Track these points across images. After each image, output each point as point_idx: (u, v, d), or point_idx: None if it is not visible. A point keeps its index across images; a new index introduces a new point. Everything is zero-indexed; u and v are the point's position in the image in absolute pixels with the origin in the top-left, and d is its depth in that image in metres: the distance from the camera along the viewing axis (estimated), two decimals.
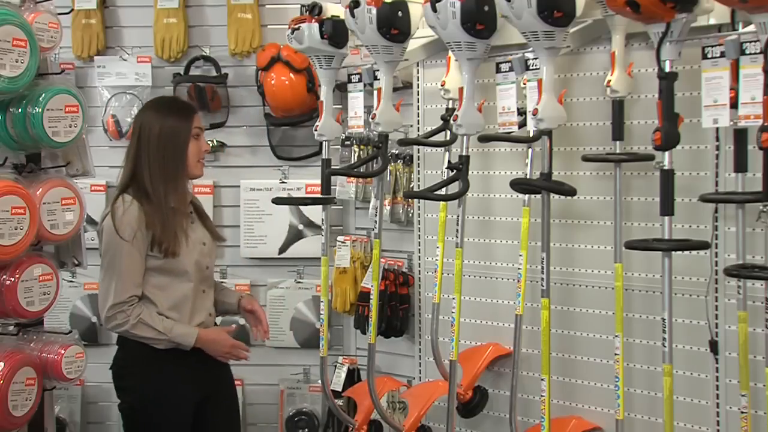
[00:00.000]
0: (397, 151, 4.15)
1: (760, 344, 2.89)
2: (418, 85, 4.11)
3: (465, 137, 3.41)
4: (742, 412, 2.92)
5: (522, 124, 3.43)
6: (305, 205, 4.46)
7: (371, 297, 3.85)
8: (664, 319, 2.92)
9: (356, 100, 3.94)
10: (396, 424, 3.94)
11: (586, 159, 3.36)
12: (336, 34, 3.67)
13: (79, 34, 4.64)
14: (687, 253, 3.10)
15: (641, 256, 3.29)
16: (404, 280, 4.13)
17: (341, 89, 4.22)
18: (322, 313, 3.95)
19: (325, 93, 3.86)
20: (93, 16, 4.64)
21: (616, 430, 3.22)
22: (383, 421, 3.98)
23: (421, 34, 3.66)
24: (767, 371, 2.78)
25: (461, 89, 3.35)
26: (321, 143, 3.98)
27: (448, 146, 3.79)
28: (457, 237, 3.49)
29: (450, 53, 3.59)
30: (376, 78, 3.78)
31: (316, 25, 3.67)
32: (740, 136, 2.86)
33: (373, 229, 3.97)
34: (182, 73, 4.62)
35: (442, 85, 3.74)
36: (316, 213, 4.51)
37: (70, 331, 3.21)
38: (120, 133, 4.63)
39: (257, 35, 4.62)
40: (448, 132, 3.78)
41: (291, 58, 4.42)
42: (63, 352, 3.05)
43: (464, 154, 3.40)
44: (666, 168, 2.85)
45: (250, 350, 3.35)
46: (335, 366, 4.41)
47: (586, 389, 3.55)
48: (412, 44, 3.68)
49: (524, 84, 3.39)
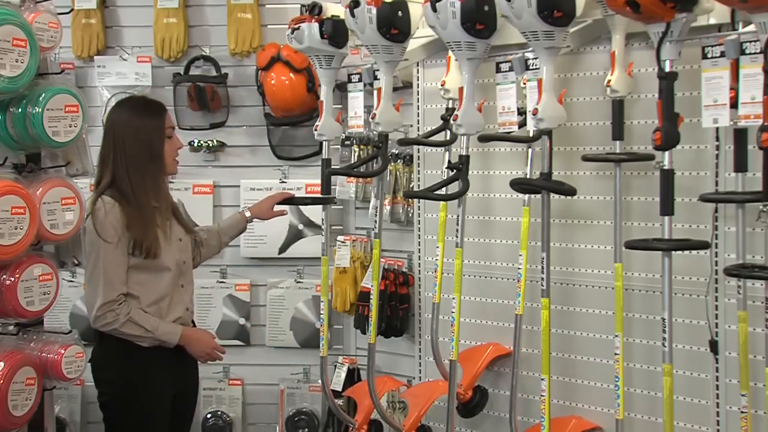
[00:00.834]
0: (397, 151, 4.15)
1: (760, 344, 2.89)
2: (418, 84, 4.10)
3: (465, 137, 3.41)
4: (742, 412, 2.92)
5: (522, 124, 3.43)
6: (305, 205, 4.46)
7: (371, 297, 3.85)
8: (664, 319, 2.91)
9: (356, 100, 3.94)
10: (396, 423, 3.94)
11: (586, 159, 3.36)
12: (336, 34, 3.67)
13: (79, 34, 4.64)
14: (687, 252, 3.10)
15: (641, 256, 3.29)
16: (404, 280, 4.13)
17: (341, 89, 4.21)
18: (322, 313, 3.95)
19: (325, 93, 3.86)
20: (93, 16, 4.65)
21: (616, 430, 3.22)
22: (383, 420, 3.98)
23: (421, 34, 3.66)
24: (767, 371, 2.78)
25: (461, 89, 3.35)
26: (321, 143, 3.98)
27: (448, 146, 3.80)
28: (457, 237, 3.48)
29: (450, 53, 3.58)
30: (376, 78, 3.78)
31: (316, 25, 3.67)
32: (740, 135, 2.86)
33: (373, 229, 3.97)
34: (182, 72, 4.62)
35: (442, 85, 3.74)
36: (316, 213, 4.51)
37: (70, 331, 3.21)
38: None
39: (257, 35, 4.62)
40: (448, 132, 3.78)
41: (291, 58, 4.41)
42: (63, 351, 3.05)
43: (464, 153, 3.40)
44: (666, 168, 2.85)
45: (225, 352, 3.44)
46: (335, 366, 4.41)
47: (586, 389, 3.55)
48: (412, 44, 3.68)
49: (524, 84, 3.39)
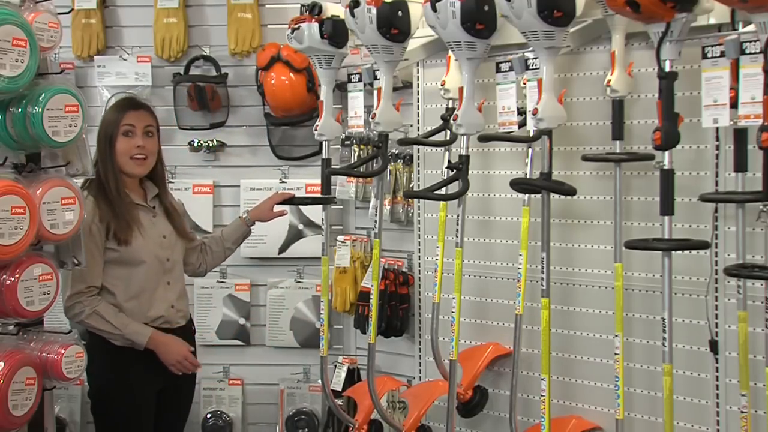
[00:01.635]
0: (397, 151, 4.15)
1: (760, 344, 2.89)
2: (418, 84, 4.10)
3: (465, 137, 3.41)
4: (742, 412, 2.92)
5: (522, 124, 3.43)
6: (305, 204, 4.46)
7: (371, 297, 3.85)
8: (664, 319, 2.92)
9: (356, 99, 3.94)
10: (396, 423, 3.94)
11: (586, 159, 3.36)
12: (336, 33, 3.67)
13: (79, 34, 4.64)
14: (687, 252, 3.10)
15: (641, 256, 3.29)
16: (404, 280, 4.13)
17: (341, 89, 4.21)
18: (322, 312, 3.95)
19: (325, 93, 3.86)
20: (93, 16, 4.64)
21: (616, 430, 3.22)
22: (383, 420, 3.98)
23: (421, 34, 3.66)
24: (767, 371, 2.78)
25: (461, 89, 3.35)
26: (321, 143, 3.98)
27: (448, 146, 3.79)
28: (457, 237, 3.48)
29: (450, 53, 3.58)
30: (376, 78, 3.78)
31: (316, 25, 3.67)
32: (740, 135, 2.86)
33: (373, 229, 3.97)
34: (182, 72, 4.62)
35: (442, 85, 3.74)
36: (316, 213, 4.51)
37: (70, 331, 3.19)
38: None
39: (257, 35, 4.61)
40: (448, 132, 3.78)
41: (291, 58, 4.41)
42: (63, 351, 3.04)
43: (464, 153, 3.40)
44: (666, 168, 2.85)
45: (201, 367, 3.46)
46: (335, 366, 4.41)
47: (586, 389, 3.55)
48: (412, 44, 3.68)
49: (524, 84, 3.39)
